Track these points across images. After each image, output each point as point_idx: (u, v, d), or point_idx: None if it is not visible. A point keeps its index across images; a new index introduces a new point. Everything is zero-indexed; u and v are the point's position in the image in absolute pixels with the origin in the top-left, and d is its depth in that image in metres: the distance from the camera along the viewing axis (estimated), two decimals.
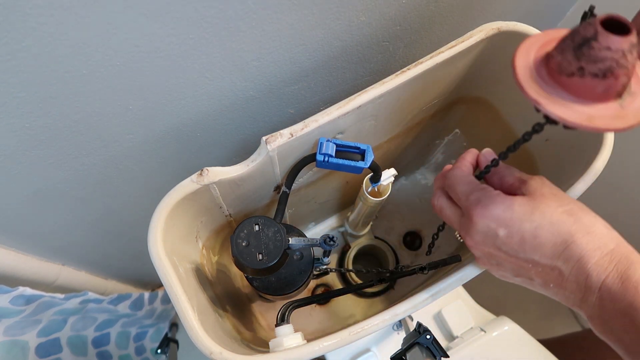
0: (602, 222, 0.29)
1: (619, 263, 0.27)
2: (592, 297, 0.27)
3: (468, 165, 0.34)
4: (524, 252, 0.29)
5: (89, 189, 0.45)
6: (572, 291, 0.29)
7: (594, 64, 0.22)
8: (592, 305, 0.28)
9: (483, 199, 0.30)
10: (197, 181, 0.35)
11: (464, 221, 0.32)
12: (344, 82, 0.50)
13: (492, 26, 0.40)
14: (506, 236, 0.29)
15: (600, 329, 0.29)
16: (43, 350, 0.49)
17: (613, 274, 0.26)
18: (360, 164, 0.38)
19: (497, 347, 0.54)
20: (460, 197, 0.32)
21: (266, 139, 0.36)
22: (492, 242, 0.30)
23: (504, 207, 0.29)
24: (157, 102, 0.37)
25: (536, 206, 0.29)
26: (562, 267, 0.28)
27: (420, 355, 0.37)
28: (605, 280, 0.26)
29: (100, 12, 0.27)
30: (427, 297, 0.34)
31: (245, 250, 0.34)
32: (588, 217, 0.29)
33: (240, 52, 0.37)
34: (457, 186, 0.33)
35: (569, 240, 0.27)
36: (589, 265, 0.27)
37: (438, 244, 0.66)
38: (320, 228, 0.68)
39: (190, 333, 0.32)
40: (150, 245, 0.33)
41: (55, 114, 0.33)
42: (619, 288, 0.26)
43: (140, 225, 0.55)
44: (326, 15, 0.38)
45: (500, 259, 0.31)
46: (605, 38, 0.21)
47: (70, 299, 0.55)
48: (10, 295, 0.46)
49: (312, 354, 0.32)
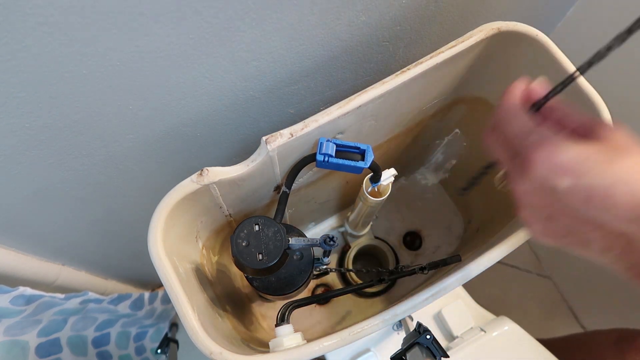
0: None
1: None
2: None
3: (521, 98, 0.28)
4: (587, 209, 0.24)
5: (89, 189, 0.45)
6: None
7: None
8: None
9: (547, 141, 0.25)
10: (197, 181, 0.35)
11: (519, 162, 0.26)
12: (344, 82, 0.50)
13: (492, 26, 0.40)
14: (571, 188, 0.24)
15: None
16: (43, 350, 0.49)
17: None
18: (360, 164, 0.38)
19: (497, 347, 0.54)
20: (517, 136, 0.27)
21: (266, 139, 0.36)
22: (549, 193, 0.25)
23: (575, 154, 0.24)
24: (157, 102, 0.37)
25: (615, 159, 0.23)
26: (637, 233, 0.23)
27: (420, 355, 0.37)
28: None
29: (100, 12, 0.27)
30: (427, 297, 0.34)
31: (245, 250, 0.34)
32: None
33: (240, 52, 0.37)
34: (512, 123, 0.27)
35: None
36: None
37: (438, 243, 0.66)
38: (320, 228, 0.68)
39: (190, 333, 0.32)
40: (150, 245, 0.33)
41: (55, 114, 0.33)
42: None
43: (140, 225, 0.55)
44: (326, 15, 0.38)
45: (554, 212, 0.26)
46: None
47: (71, 299, 0.55)
48: (10, 295, 0.46)
49: (312, 354, 0.32)
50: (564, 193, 0.24)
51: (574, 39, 0.74)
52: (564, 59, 0.39)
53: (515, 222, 0.41)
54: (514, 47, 0.42)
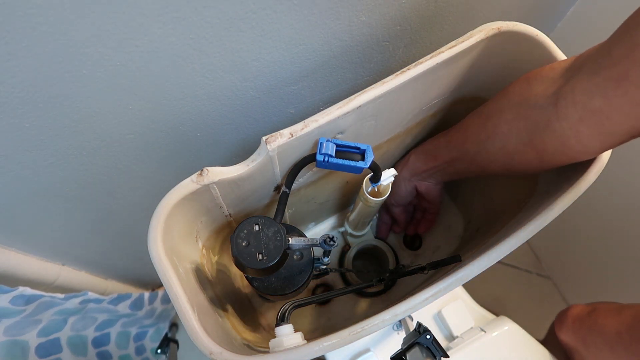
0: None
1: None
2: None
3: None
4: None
5: (89, 189, 0.45)
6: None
7: None
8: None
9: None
10: (197, 181, 0.35)
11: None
12: (344, 82, 0.50)
13: (492, 26, 0.40)
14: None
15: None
16: (43, 350, 0.49)
17: None
18: (360, 164, 0.38)
19: (497, 347, 0.54)
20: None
21: (266, 139, 0.36)
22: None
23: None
24: (157, 102, 0.37)
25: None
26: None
27: (420, 355, 0.37)
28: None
29: (100, 12, 0.27)
30: (427, 297, 0.34)
31: (245, 250, 0.34)
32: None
33: (240, 52, 0.37)
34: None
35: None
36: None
37: (438, 243, 0.66)
38: (320, 228, 0.68)
39: (190, 333, 0.32)
40: (150, 245, 0.33)
41: (55, 114, 0.33)
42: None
43: (140, 225, 0.55)
44: (326, 15, 0.38)
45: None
46: None
47: (70, 299, 0.55)
48: (10, 295, 0.46)
49: (312, 354, 0.32)
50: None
51: (574, 39, 0.74)
52: (564, 59, 0.39)
53: (515, 222, 0.41)
54: (514, 47, 0.42)
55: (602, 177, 0.37)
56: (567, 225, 0.91)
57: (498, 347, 0.54)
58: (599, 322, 0.50)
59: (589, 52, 0.33)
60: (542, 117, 0.35)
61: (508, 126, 0.39)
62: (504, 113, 0.39)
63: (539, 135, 0.36)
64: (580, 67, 0.32)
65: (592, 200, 0.80)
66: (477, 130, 0.43)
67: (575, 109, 0.32)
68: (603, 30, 0.67)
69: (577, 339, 0.54)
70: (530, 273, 1.07)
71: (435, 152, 0.50)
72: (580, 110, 0.31)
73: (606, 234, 0.83)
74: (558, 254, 1.02)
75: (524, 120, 0.37)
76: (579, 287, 1.00)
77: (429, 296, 0.34)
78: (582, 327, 0.53)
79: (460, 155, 0.46)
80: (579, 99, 0.31)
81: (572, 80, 0.32)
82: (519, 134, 0.38)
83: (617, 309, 0.50)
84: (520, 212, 0.45)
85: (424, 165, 0.52)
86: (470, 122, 0.45)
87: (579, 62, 0.33)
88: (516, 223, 0.40)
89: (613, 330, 0.47)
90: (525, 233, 0.35)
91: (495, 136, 0.40)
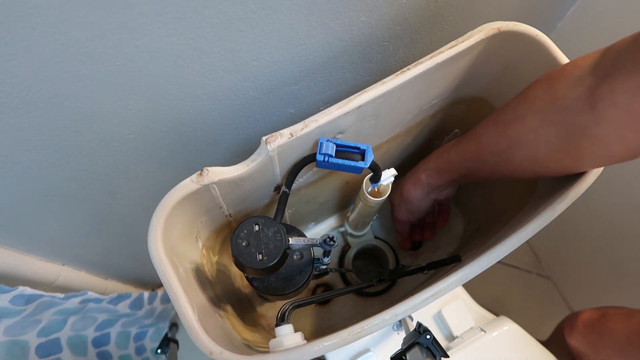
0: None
1: None
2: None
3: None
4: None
5: (89, 189, 0.45)
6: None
7: None
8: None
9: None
10: (197, 181, 0.35)
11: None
12: (344, 82, 0.50)
13: (492, 26, 0.40)
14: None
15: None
16: (43, 350, 0.49)
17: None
18: (360, 164, 0.38)
19: (497, 347, 0.54)
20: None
21: (266, 139, 0.36)
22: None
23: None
24: (157, 102, 0.37)
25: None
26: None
27: (420, 355, 0.37)
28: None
29: (100, 12, 0.27)
30: (427, 297, 0.34)
31: (245, 250, 0.34)
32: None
33: (240, 52, 0.37)
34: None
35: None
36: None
37: (438, 244, 0.66)
38: (320, 228, 0.68)
39: (190, 333, 0.32)
40: (150, 245, 0.33)
41: (55, 114, 0.33)
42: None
43: (140, 225, 0.55)
44: (326, 15, 0.38)
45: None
46: None
47: (70, 299, 0.55)
48: (10, 295, 0.46)
49: (312, 354, 0.32)
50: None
51: (574, 39, 0.74)
52: (564, 59, 0.39)
53: (516, 222, 0.41)
54: (514, 47, 0.42)
55: (602, 177, 0.37)
56: (567, 225, 0.91)
57: (498, 347, 0.54)
58: (609, 327, 0.50)
59: (620, 47, 0.30)
60: (576, 122, 0.32)
61: (534, 134, 0.35)
62: (526, 119, 0.36)
63: (574, 141, 0.33)
64: (614, 64, 0.29)
65: (592, 200, 0.80)
66: (494, 139, 0.40)
67: (617, 111, 0.29)
68: (603, 30, 0.68)
69: (588, 345, 0.53)
70: (530, 273, 1.07)
71: (449, 167, 0.48)
72: (623, 112, 0.28)
73: (606, 234, 0.83)
74: (558, 254, 1.02)
75: (554, 127, 0.34)
76: (579, 287, 1.00)
77: (429, 296, 0.34)
78: (593, 333, 0.52)
79: (478, 166, 0.43)
80: (621, 101, 0.28)
81: (609, 80, 0.29)
82: (550, 141, 0.34)
83: (627, 314, 0.49)
84: (521, 212, 0.45)
85: (440, 179, 0.49)
86: (484, 131, 0.42)
87: (610, 58, 0.30)
88: (516, 223, 0.40)
89: (623, 336, 0.47)
90: (525, 233, 0.35)
91: (520, 144, 0.37)
